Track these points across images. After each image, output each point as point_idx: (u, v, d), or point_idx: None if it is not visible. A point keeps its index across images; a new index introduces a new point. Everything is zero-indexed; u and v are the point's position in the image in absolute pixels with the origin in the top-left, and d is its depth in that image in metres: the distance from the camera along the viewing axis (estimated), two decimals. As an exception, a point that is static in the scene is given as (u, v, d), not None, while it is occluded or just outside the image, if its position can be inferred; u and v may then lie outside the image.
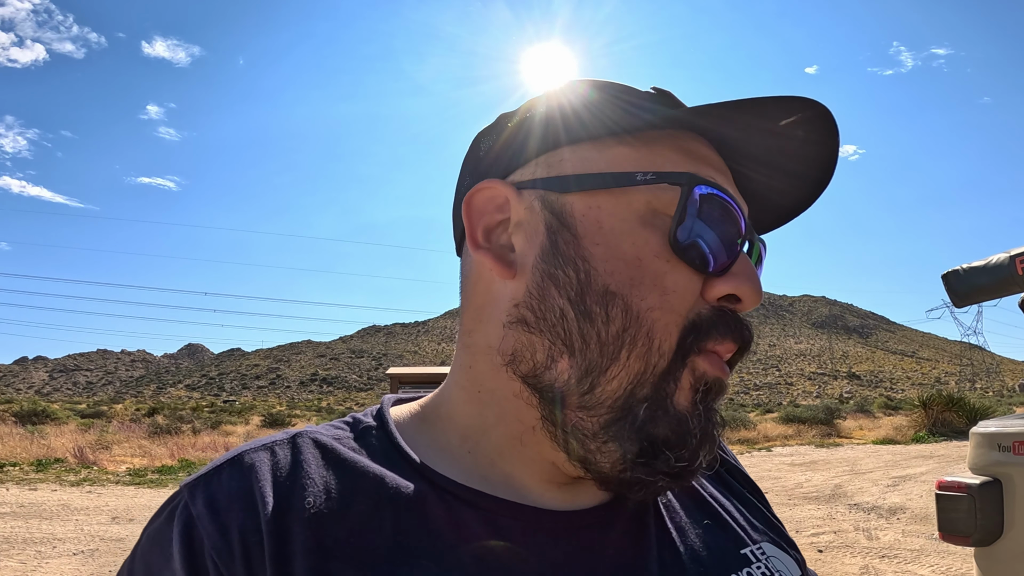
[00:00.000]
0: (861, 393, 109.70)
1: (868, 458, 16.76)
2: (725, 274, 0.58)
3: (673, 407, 0.55)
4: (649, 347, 0.55)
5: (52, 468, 15.02)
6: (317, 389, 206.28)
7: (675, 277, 0.56)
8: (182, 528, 0.52)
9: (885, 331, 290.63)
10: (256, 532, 0.51)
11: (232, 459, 0.57)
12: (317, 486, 0.55)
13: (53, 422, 25.74)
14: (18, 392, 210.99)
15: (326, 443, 0.60)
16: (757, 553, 0.66)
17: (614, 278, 0.56)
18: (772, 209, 0.70)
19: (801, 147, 0.61)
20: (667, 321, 0.55)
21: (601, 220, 0.57)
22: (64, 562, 7.25)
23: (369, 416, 0.66)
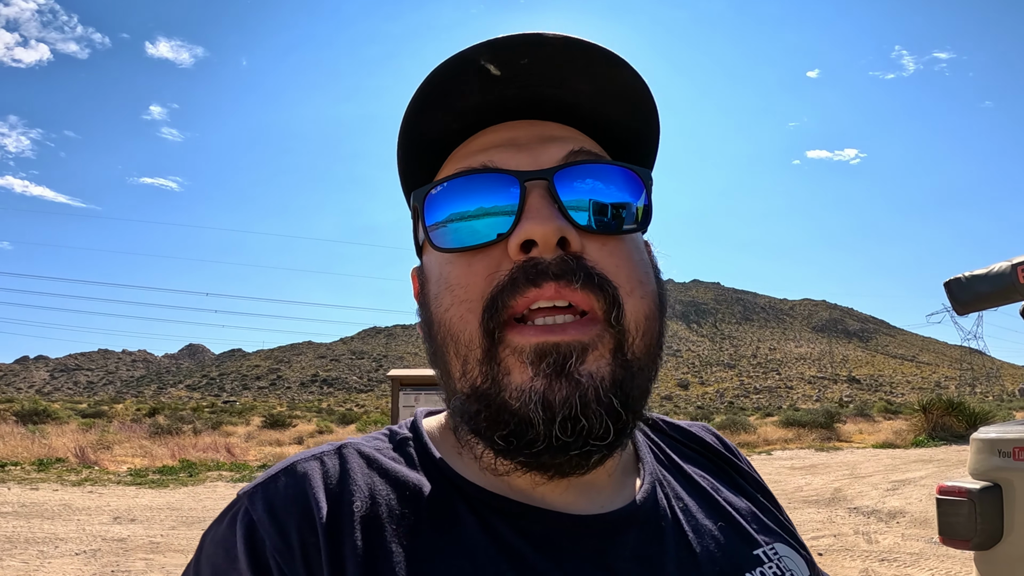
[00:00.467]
0: (861, 397, 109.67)
1: (868, 462, 16.75)
2: (511, 230, 0.60)
3: (510, 389, 0.57)
4: (457, 344, 0.61)
5: (53, 468, 15.04)
6: (317, 390, 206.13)
7: (456, 271, 0.62)
8: (245, 531, 0.57)
9: (885, 335, 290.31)
10: (313, 534, 0.57)
11: (286, 468, 0.63)
12: (364, 492, 0.61)
13: (54, 422, 25.78)
14: (19, 391, 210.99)
15: (369, 453, 0.66)
16: (770, 553, 0.70)
17: (431, 301, 0.65)
18: (616, 104, 0.69)
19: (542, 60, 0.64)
20: (461, 312, 0.60)
21: (429, 262, 0.68)
22: (66, 562, 7.26)
23: (404, 428, 0.72)
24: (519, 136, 0.66)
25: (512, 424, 0.57)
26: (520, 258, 0.59)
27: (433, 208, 0.64)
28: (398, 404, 8.68)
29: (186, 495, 12.01)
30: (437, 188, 0.64)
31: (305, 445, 23.49)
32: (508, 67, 0.63)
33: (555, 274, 0.58)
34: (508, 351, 0.58)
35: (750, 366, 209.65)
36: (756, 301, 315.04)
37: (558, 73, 0.65)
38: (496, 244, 0.61)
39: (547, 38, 0.62)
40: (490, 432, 0.59)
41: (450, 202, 0.63)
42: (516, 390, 0.57)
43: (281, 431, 28.88)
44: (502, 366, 0.58)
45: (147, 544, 8.11)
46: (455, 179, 0.63)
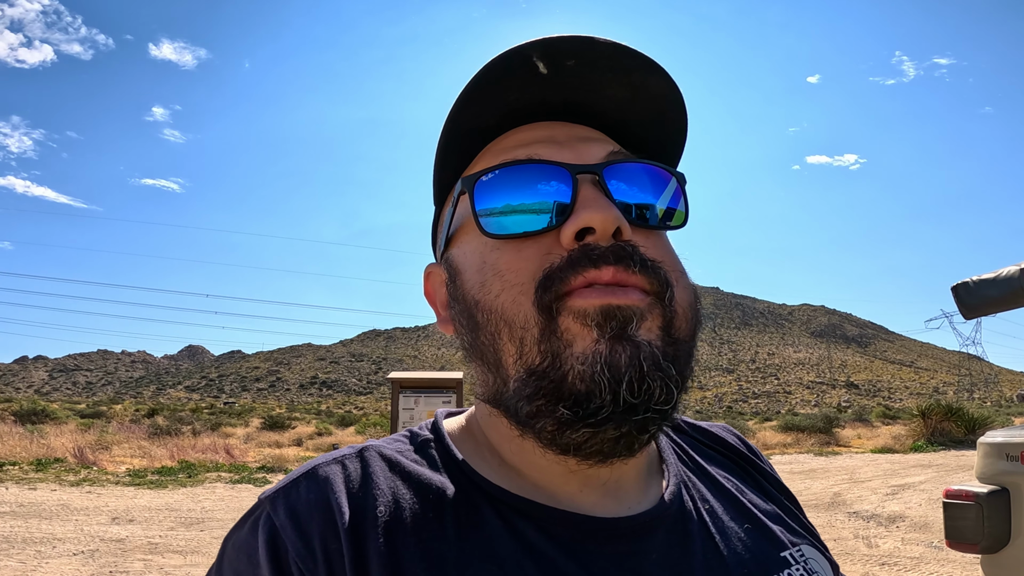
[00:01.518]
0: (859, 402, 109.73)
1: (867, 467, 16.74)
2: (568, 218, 0.60)
3: (573, 358, 0.56)
4: (511, 328, 0.59)
5: (52, 468, 15.01)
6: (317, 392, 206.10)
7: (505, 257, 0.62)
8: (267, 537, 0.57)
9: (884, 341, 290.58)
10: (336, 539, 0.56)
11: (307, 472, 0.62)
12: (386, 496, 0.60)
13: (52, 422, 25.73)
14: (17, 391, 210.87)
15: (391, 456, 0.65)
16: (796, 555, 0.69)
17: (475, 290, 0.63)
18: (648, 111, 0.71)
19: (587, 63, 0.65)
20: (513, 296, 0.59)
21: (464, 252, 0.67)
22: (64, 562, 7.24)
23: (425, 430, 0.72)
24: (557, 135, 0.67)
25: (576, 393, 0.56)
26: (573, 246, 0.59)
27: (483, 194, 0.63)
28: (398, 406, 8.69)
29: (185, 496, 11.99)
30: (489, 175, 0.63)
31: (304, 447, 23.45)
32: (555, 67, 0.64)
33: (615, 258, 0.58)
34: (571, 317, 0.57)
35: (749, 371, 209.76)
36: (755, 306, 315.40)
37: (600, 77, 0.66)
38: (547, 232, 0.61)
39: (597, 42, 0.63)
40: (552, 407, 0.57)
41: (502, 189, 0.63)
42: (580, 356, 0.56)
43: (280, 433, 28.81)
44: (564, 338, 0.57)
45: (145, 545, 8.09)
46: (508, 167, 0.63)
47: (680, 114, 0.71)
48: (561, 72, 0.65)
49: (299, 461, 18.02)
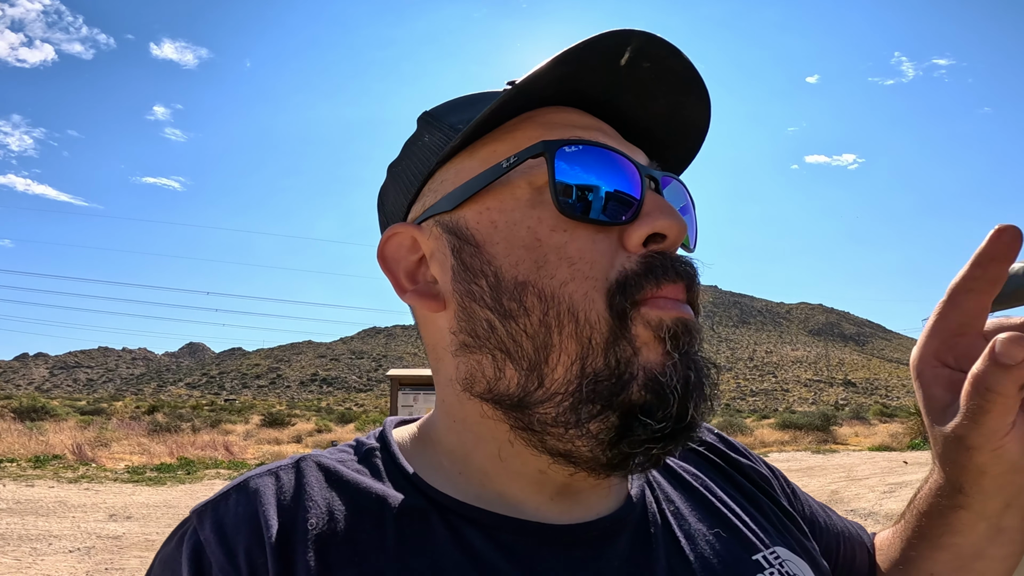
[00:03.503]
0: (857, 400, 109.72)
1: (864, 464, 16.75)
2: (637, 218, 0.57)
3: (640, 368, 0.53)
4: (576, 322, 0.54)
5: (50, 465, 15.02)
6: (317, 389, 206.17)
7: (578, 244, 0.55)
8: (191, 553, 0.54)
9: (881, 339, 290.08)
10: (261, 554, 0.53)
11: (238, 485, 0.59)
12: (320, 507, 0.57)
13: (52, 419, 25.74)
14: (18, 388, 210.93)
15: (329, 465, 0.61)
16: (770, 558, 0.65)
17: (521, 269, 0.56)
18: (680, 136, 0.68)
19: (655, 73, 0.60)
20: (586, 289, 0.54)
21: (494, 219, 0.58)
22: (60, 559, 7.24)
23: (372, 439, 0.67)
24: (605, 129, 0.62)
25: (640, 404, 0.53)
26: (639, 250, 0.56)
27: (566, 166, 0.56)
28: (397, 403, 8.70)
29: (184, 493, 12.00)
30: (573, 147, 0.57)
31: (304, 443, 23.48)
32: (633, 63, 0.59)
33: (689, 274, 0.57)
34: (643, 326, 0.54)
35: (747, 369, 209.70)
36: (753, 304, 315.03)
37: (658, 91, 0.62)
38: (616, 226, 0.57)
39: (681, 55, 0.59)
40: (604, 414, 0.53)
41: (585, 167, 0.57)
42: (652, 367, 0.54)
43: (280, 430, 28.87)
44: (635, 344, 0.54)
45: (142, 542, 8.09)
46: (592, 147, 0.57)
47: (699, 144, 0.69)
48: (634, 71, 0.60)
49: (298, 458, 18.02)
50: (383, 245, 0.66)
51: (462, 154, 0.62)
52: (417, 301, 0.62)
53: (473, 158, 0.61)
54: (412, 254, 0.64)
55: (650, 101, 0.63)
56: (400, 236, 0.65)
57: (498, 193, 0.59)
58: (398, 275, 0.65)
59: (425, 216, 0.63)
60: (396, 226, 0.65)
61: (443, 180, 0.63)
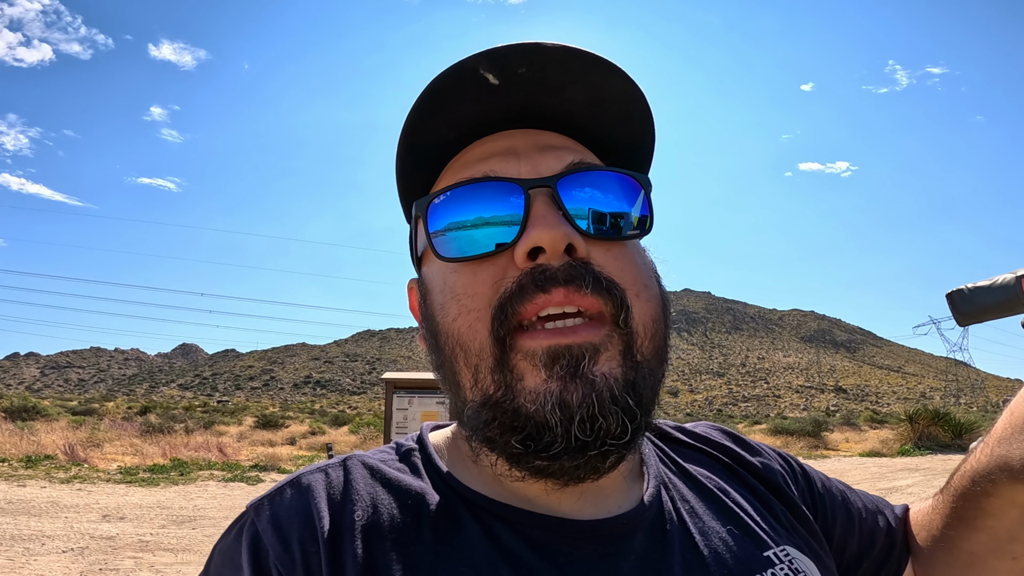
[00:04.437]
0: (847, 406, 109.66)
1: (855, 470, 16.81)
2: (521, 236, 0.61)
3: (522, 394, 0.58)
4: (466, 354, 0.61)
5: (42, 465, 14.97)
6: (310, 391, 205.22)
7: (462, 280, 0.63)
8: (249, 542, 0.60)
9: (872, 346, 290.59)
10: (314, 543, 0.59)
11: (291, 481, 0.66)
12: (365, 502, 0.63)
13: (44, 419, 25.59)
14: (8, 388, 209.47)
15: (373, 464, 0.69)
16: (780, 555, 0.69)
17: (437, 312, 0.66)
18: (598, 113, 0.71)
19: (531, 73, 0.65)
20: (470, 321, 0.61)
21: (431, 272, 0.69)
22: (53, 559, 7.24)
23: (411, 441, 0.75)
24: (517, 145, 0.67)
25: (528, 428, 0.58)
26: (527, 265, 0.60)
27: (436, 217, 0.65)
28: (392, 407, 8.71)
29: (177, 494, 11.98)
30: (440, 198, 0.64)
31: (297, 446, 23.41)
32: (505, 76, 0.64)
33: (564, 280, 0.58)
34: (520, 356, 0.58)
35: (739, 375, 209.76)
36: (746, 311, 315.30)
37: (554, 81, 0.66)
38: (502, 252, 0.62)
39: (544, 47, 0.63)
40: (505, 438, 0.59)
41: (454, 211, 0.64)
42: (531, 394, 0.57)
43: (274, 431, 28.74)
44: (515, 372, 0.58)
45: (136, 542, 8.10)
46: (458, 188, 0.64)
47: (645, 115, 0.71)
48: (513, 80, 0.65)
49: (292, 460, 18.01)
50: (408, 295, 0.79)
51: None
52: (421, 342, 0.73)
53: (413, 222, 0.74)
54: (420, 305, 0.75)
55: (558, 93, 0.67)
56: (411, 288, 0.78)
57: (427, 249, 0.69)
58: (418, 321, 0.75)
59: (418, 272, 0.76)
60: (411, 281, 0.78)
61: (415, 241, 0.75)
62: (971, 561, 0.77)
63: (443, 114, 0.67)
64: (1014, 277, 0.89)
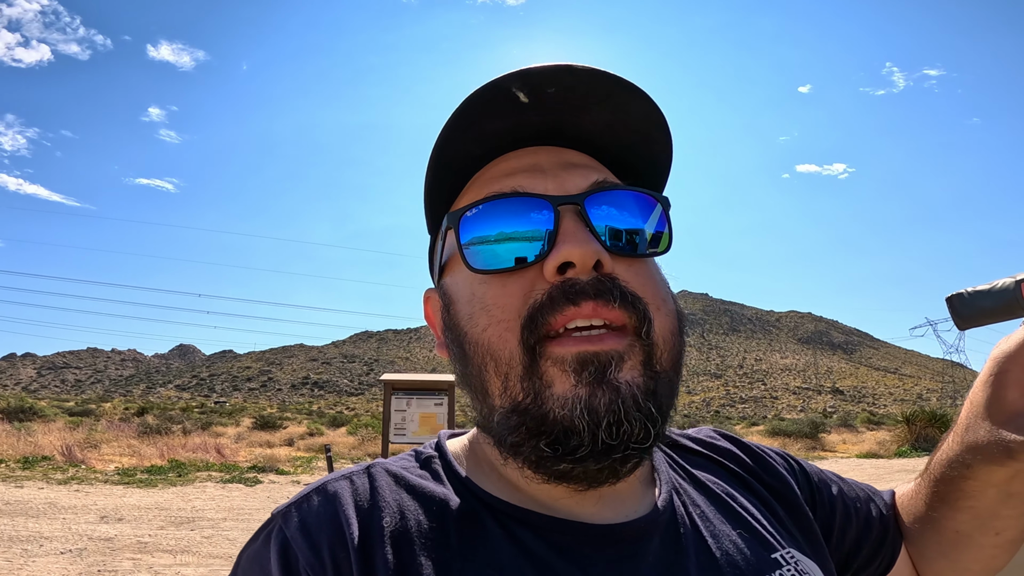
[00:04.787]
0: (844, 408, 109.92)
1: (852, 471, 16.84)
2: (551, 251, 0.63)
3: (551, 400, 0.60)
4: (496, 363, 0.63)
5: (39, 466, 14.95)
6: (308, 392, 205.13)
7: (492, 291, 0.65)
8: (279, 549, 0.61)
9: (869, 348, 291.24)
10: (344, 550, 0.60)
11: (317, 488, 0.67)
12: (392, 508, 0.65)
13: (40, 419, 25.55)
14: (5, 388, 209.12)
15: (396, 471, 0.70)
16: (787, 557, 0.72)
17: (463, 322, 0.67)
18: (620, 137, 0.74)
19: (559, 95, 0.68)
20: (500, 331, 0.63)
21: (456, 283, 0.71)
22: (51, 560, 7.23)
23: (430, 448, 0.77)
24: (541, 162, 0.70)
25: (556, 432, 0.60)
26: (556, 279, 0.62)
27: (468, 229, 0.67)
28: (390, 408, 8.72)
29: (175, 495, 11.98)
30: (472, 210, 0.67)
31: (295, 447, 23.43)
32: (535, 95, 0.67)
33: (594, 294, 0.61)
34: (549, 363, 0.61)
35: (736, 376, 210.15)
36: (743, 312, 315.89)
37: (579, 102, 0.69)
38: (531, 266, 0.64)
39: (574, 69, 0.65)
40: (533, 442, 0.61)
41: (485, 224, 0.66)
42: (560, 399, 0.60)
43: (271, 432, 28.79)
44: (544, 379, 0.61)
45: (134, 544, 8.10)
46: (490, 202, 0.66)
47: (665, 137, 0.74)
48: (542, 99, 0.68)
49: (290, 461, 18.03)
50: (424, 305, 0.81)
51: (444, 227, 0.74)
52: (440, 351, 0.75)
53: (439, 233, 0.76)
54: (438, 313, 0.76)
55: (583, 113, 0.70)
56: (431, 299, 0.79)
57: (454, 260, 0.71)
58: (435, 331, 0.77)
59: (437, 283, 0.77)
60: (428, 290, 0.80)
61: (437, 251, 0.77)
62: (957, 539, 0.82)
63: (475, 129, 0.69)
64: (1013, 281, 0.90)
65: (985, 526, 0.79)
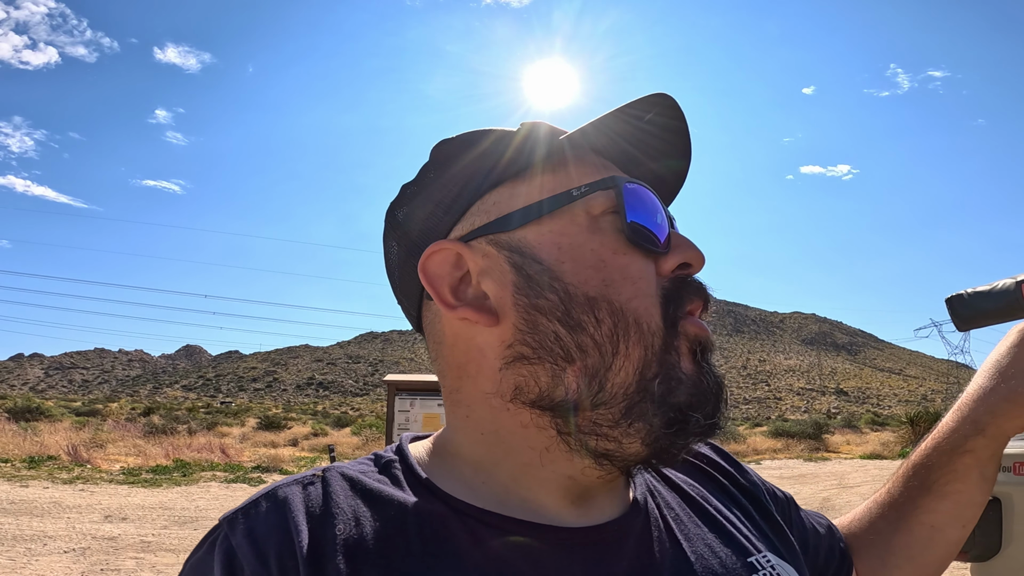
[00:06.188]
0: (848, 409, 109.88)
1: (856, 472, 16.81)
2: (669, 250, 0.66)
3: (683, 373, 0.62)
4: (641, 332, 0.61)
5: (44, 465, 14.99)
6: (313, 393, 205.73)
7: (637, 265, 0.64)
8: (223, 558, 0.56)
9: (873, 349, 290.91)
10: (293, 559, 0.55)
11: (267, 494, 0.62)
12: (347, 515, 0.60)
13: (47, 419, 25.66)
14: (12, 388, 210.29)
15: (353, 476, 0.64)
16: (762, 561, 0.71)
17: (590, 286, 0.62)
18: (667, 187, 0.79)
19: (663, 134, 0.72)
20: (647, 304, 0.62)
21: (557, 241, 0.64)
22: (55, 560, 7.24)
23: (390, 452, 0.70)
24: (612, 165, 0.72)
25: (682, 404, 0.61)
26: (670, 275, 0.66)
27: (630, 199, 0.66)
28: (394, 408, 8.70)
29: (179, 495, 11.99)
30: (633, 184, 0.67)
31: (299, 447, 23.46)
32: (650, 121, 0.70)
33: (707, 296, 0.67)
34: (683, 339, 0.63)
35: (740, 377, 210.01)
36: (747, 313, 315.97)
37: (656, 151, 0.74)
38: (654, 255, 0.66)
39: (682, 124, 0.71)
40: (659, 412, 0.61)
41: (640, 201, 0.66)
42: (690, 374, 0.62)
43: (276, 433, 28.85)
44: (678, 353, 0.63)
45: (138, 543, 8.09)
46: (642, 187, 0.68)
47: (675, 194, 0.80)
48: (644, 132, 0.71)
49: (294, 461, 18.04)
50: (426, 260, 0.67)
51: (516, 181, 0.67)
52: (471, 315, 0.64)
53: (528, 185, 0.66)
54: (456, 271, 0.67)
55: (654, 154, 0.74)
56: (445, 252, 0.67)
57: (559, 218, 0.64)
58: (442, 290, 0.67)
59: (475, 235, 0.67)
60: (440, 243, 0.67)
61: (495, 203, 0.67)
62: (931, 535, 0.86)
63: (629, 126, 0.70)
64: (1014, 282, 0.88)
65: (961, 515, 0.85)
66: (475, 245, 0.67)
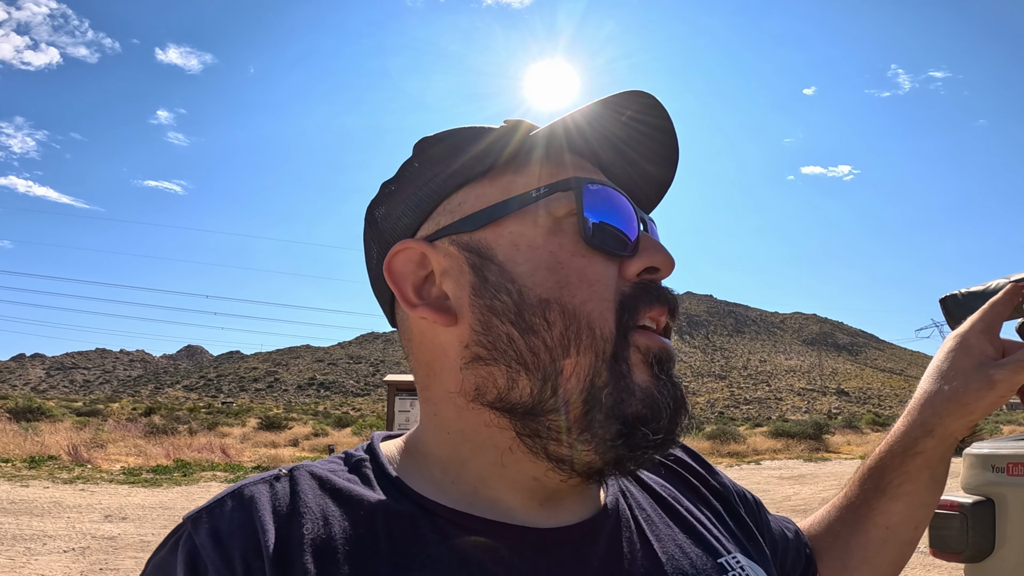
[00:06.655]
0: (849, 409, 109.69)
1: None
2: (636, 252, 0.65)
3: (636, 384, 0.61)
4: (593, 337, 0.60)
5: (45, 465, 15.00)
6: (315, 393, 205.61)
7: (595, 268, 0.63)
8: (186, 558, 0.55)
9: (874, 349, 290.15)
10: (258, 559, 0.54)
11: (232, 493, 0.60)
12: (315, 514, 0.59)
13: (48, 419, 25.67)
14: (14, 388, 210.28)
15: (321, 474, 0.64)
16: (732, 562, 0.71)
17: (544, 288, 0.61)
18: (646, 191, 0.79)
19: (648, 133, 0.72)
20: (601, 308, 0.61)
21: (516, 242, 0.63)
22: (54, 559, 7.25)
23: (360, 451, 0.70)
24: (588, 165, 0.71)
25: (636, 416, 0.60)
26: (634, 279, 0.64)
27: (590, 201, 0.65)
28: (394, 408, 8.72)
29: (179, 494, 12.01)
30: (595, 185, 0.66)
31: (300, 447, 23.48)
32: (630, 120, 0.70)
33: (672, 302, 0.66)
34: (634, 350, 0.62)
35: (741, 377, 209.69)
36: (748, 314, 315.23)
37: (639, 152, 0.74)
38: (618, 258, 0.65)
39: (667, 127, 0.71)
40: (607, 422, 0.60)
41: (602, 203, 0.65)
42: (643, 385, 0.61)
43: (277, 433, 28.89)
44: (628, 363, 0.61)
45: (138, 542, 8.10)
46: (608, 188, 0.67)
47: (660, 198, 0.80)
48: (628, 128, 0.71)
49: (294, 461, 17.94)
50: (391, 259, 0.68)
51: (482, 181, 0.67)
52: (429, 313, 0.65)
53: (492, 185, 0.66)
54: (421, 270, 0.67)
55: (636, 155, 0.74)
56: (410, 251, 0.68)
57: (519, 219, 0.64)
58: (405, 289, 0.67)
59: (439, 235, 0.67)
60: (406, 241, 0.68)
61: (461, 203, 0.67)
62: (886, 537, 0.88)
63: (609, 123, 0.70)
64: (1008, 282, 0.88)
65: (913, 516, 0.87)
66: (439, 245, 0.67)
